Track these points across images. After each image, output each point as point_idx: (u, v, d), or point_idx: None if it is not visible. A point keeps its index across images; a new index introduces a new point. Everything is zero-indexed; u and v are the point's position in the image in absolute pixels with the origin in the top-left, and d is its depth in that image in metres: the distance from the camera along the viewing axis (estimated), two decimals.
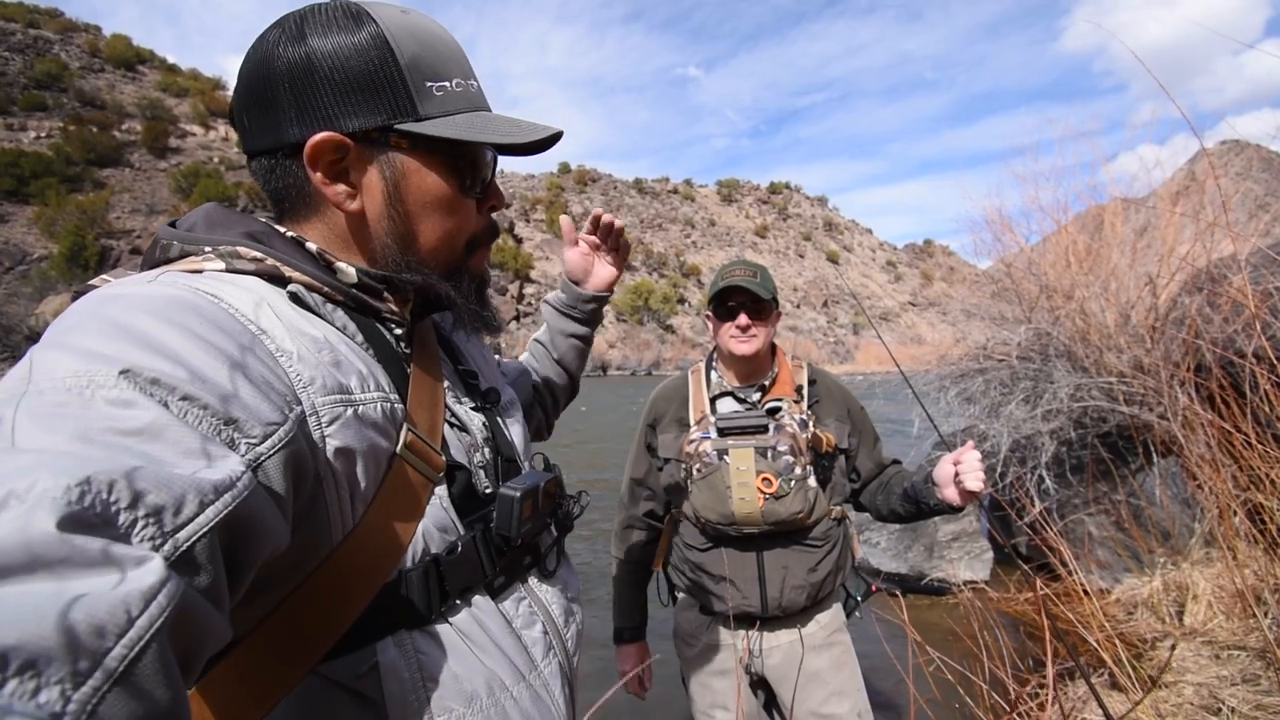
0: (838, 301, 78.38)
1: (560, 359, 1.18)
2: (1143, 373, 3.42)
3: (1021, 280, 4.74)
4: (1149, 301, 3.63)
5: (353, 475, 0.57)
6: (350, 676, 0.58)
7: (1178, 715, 2.05)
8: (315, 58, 0.59)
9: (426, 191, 0.65)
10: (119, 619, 0.30)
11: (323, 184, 0.62)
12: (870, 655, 2.61)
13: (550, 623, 0.74)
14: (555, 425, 1.24)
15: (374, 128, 0.61)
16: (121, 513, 0.34)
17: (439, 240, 0.68)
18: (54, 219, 38.60)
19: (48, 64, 59.92)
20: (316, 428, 0.53)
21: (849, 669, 1.59)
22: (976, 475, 1.27)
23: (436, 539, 0.64)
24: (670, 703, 2.27)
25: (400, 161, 0.64)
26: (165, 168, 53.89)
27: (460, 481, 0.68)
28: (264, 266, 0.59)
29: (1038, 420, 3.83)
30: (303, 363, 0.54)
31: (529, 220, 71.67)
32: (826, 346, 58.52)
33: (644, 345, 47.80)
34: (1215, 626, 2.48)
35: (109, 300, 0.48)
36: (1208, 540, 2.98)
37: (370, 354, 0.64)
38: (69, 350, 0.42)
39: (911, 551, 4.34)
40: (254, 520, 0.43)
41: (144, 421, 0.40)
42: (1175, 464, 3.39)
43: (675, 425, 1.62)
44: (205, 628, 0.37)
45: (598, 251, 1.15)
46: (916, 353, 6.78)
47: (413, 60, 0.61)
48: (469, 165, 0.68)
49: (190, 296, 0.50)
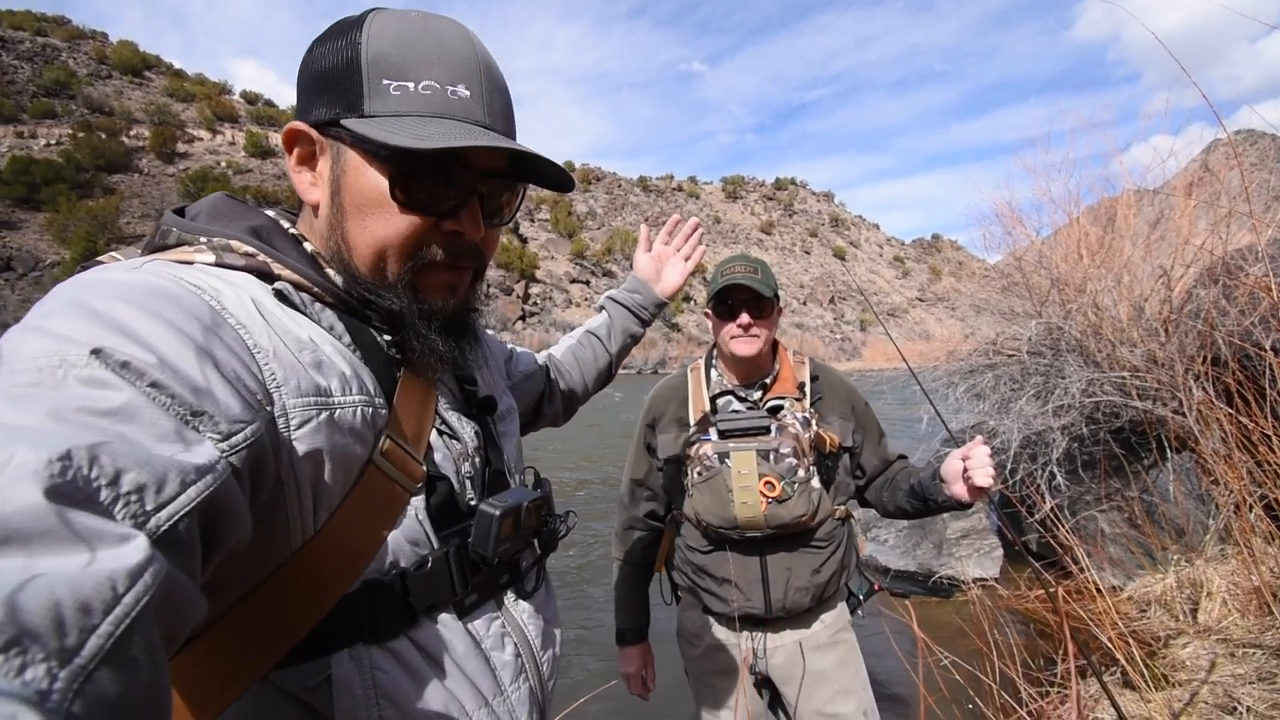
0: (844, 298, 78.07)
1: (614, 353, 1.25)
2: (1157, 367, 3.37)
3: (1032, 274, 4.68)
4: (1163, 294, 3.57)
5: (318, 480, 0.55)
6: (301, 687, 0.56)
7: (1193, 714, 2.01)
8: (310, 54, 0.63)
9: (360, 191, 0.61)
10: (105, 596, 0.29)
11: (293, 169, 0.63)
12: (879, 654, 2.59)
13: (525, 644, 0.72)
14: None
15: (326, 120, 0.61)
16: (103, 489, 0.34)
17: (366, 246, 0.63)
18: (65, 225, 39.05)
19: (56, 71, 60.52)
20: (285, 429, 0.52)
21: (854, 668, 1.56)
22: (985, 471, 1.24)
23: (406, 552, 0.62)
24: (673, 705, 2.26)
25: (345, 156, 0.62)
26: (174, 172, 54.37)
27: (441, 493, 0.66)
28: (254, 262, 0.59)
29: (1049, 416, 3.78)
30: (278, 361, 0.53)
31: (533, 220, 71.79)
32: (834, 343, 58.31)
33: (649, 344, 47.84)
34: (1230, 624, 2.44)
35: (88, 286, 0.47)
36: (1223, 537, 2.93)
37: (358, 356, 0.62)
38: (42, 333, 0.42)
39: (920, 549, 4.31)
40: (227, 506, 0.43)
41: (118, 402, 0.40)
42: (1190, 459, 3.34)
43: (675, 425, 1.59)
44: (186, 607, 0.37)
45: (666, 258, 1.25)
46: (925, 349, 6.73)
47: (376, 57, 0.60)
48: (409, 174, 0.61)
49: (171, 286, 0.50)
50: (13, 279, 38.14)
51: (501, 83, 0.66)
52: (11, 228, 40.69)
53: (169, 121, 61.96)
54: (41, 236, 40.37)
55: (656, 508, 1.67)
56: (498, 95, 0.65)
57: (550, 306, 51.15)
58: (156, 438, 0.40)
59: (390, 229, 0.62)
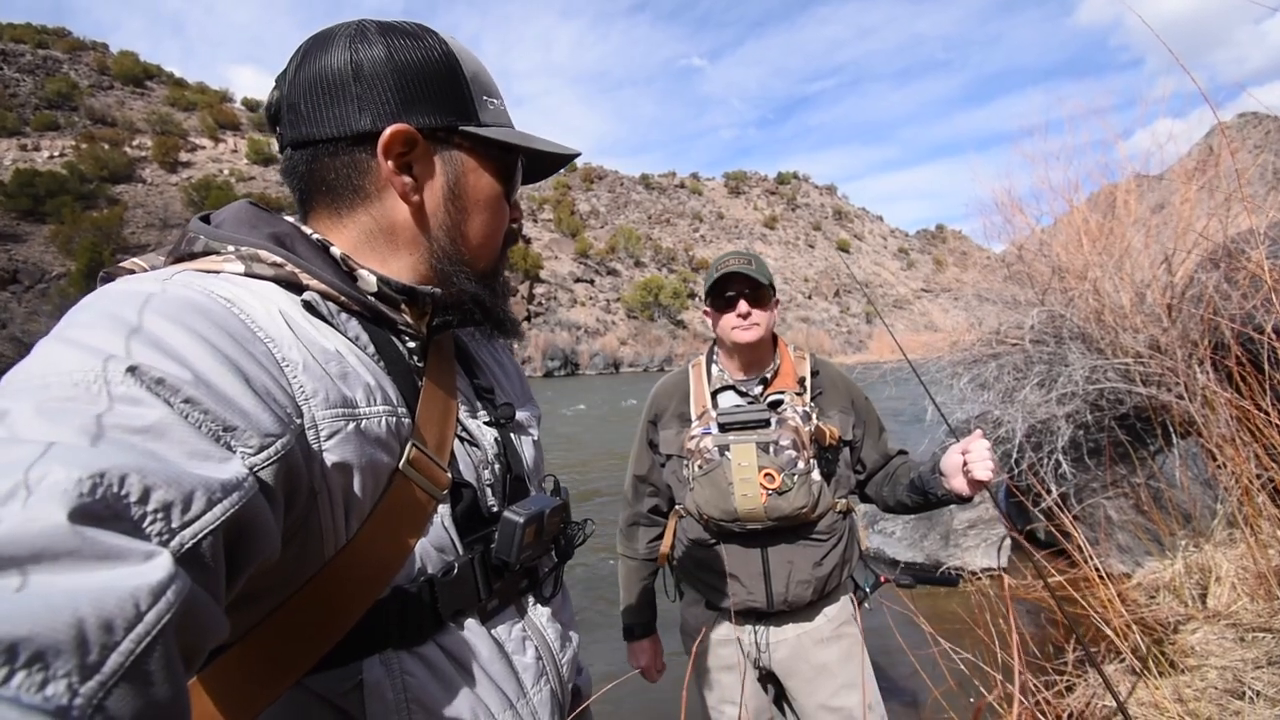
0: (849, 291, 77.80)
1: None
2: (1160, 352, 3.35)
3: (1033, 262, 4.66)
4: (1165, 279, 3.55)
5: (349, 490, 0.56)
6: (334, 692, 0.58)
7: (1201, 700, 2.01)
8: (391, 55, 0.63)
9: (481, 190, 0.69)
10: (127, 613, 0.30)
11: (392, 174, 0.64)
12: (886, 647, 2.59)
13: (545, 648, 0.73)
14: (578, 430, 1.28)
15: (441, 126, 0.65)
16: (132, 507, 0.35)
17: (486, 237, 0.72)
18: (70, 237, 39.28)
19: (58, 83, 60.88)
20: (315, 441, 0.53)
21: (858, 661, 1.57)
22: (985, 465, 1.25)
23: (434, 558, 0.63)
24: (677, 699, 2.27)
25: (461, 160, 0.68)
26: (177, 181, 54.61)
27: (465, 500, 0.67)
28: (282, 273, 0.59)
29: (1053, 404, 3.77)
30: (308, 373, 0.54)
31: (536, 220, 71.80)
32: (839, 336, 58.13)
33: (655, 341, 47.79)
34: (1239, 609, 2.44)
35: (121, 298, 0.48)
36: (1230, 521, 2.92)
37: (381, 366, 0.63)
38: (77, 346, 0.43)
39: (927, 540, 4.30)
40: (254, 523, 0.44)
41: (150, 420, 0.40)
42: (1195, 444, 3.32)
43: (676, 421, 1.60)
44: (207, 625, 0.37)
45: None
46: (930, 340, 6.69)
47: (473, 74, 0.68)
48: (512, 172, 0.73)
49: (203, 300, 0.51)
50: (19, 292, 38.41)
51: None
52: (17, 240, 40.97)
53: (171, 131, 62.25)
54: (47, 248, 40.64)
55: (660, 503, 1.68)
56: None
57: (555, 306, 51.22)
58: (187, 455, 0.40)
59: (502, 219, 0.73)
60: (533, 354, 37.41)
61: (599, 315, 52.68)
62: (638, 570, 1.72)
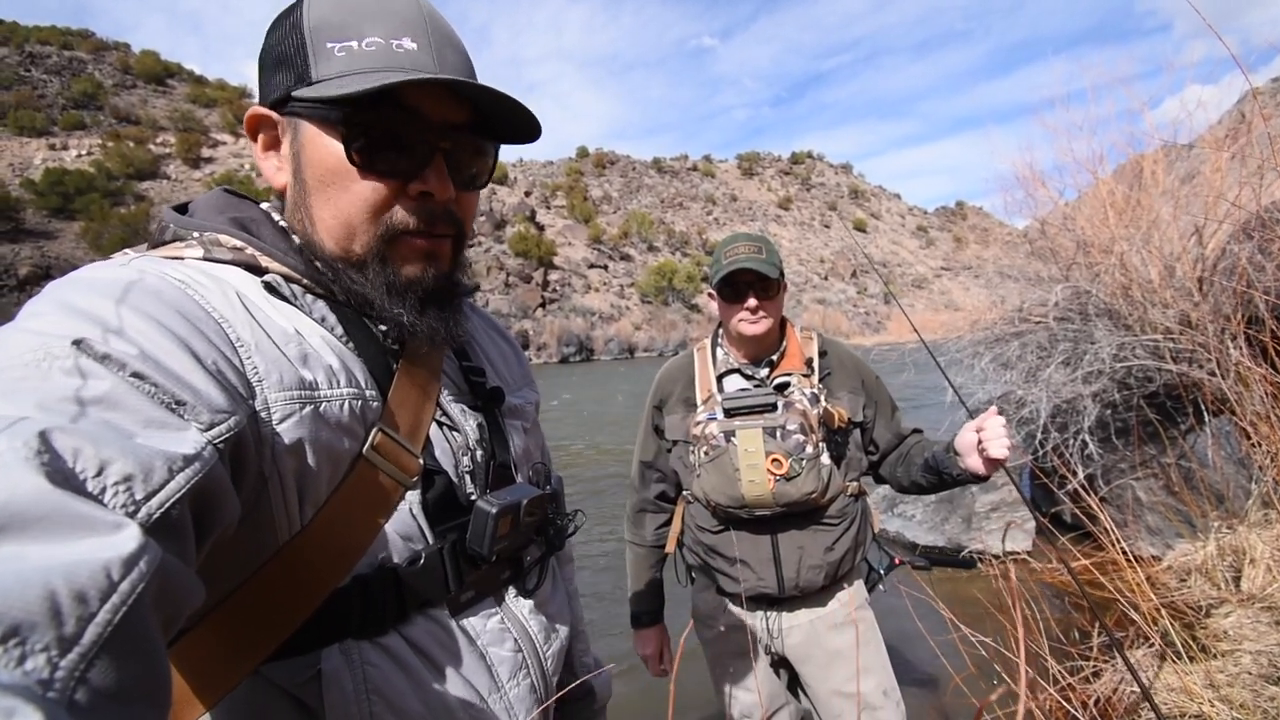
0: (867, 271, 76.72)
1: None
2: (1190, 327, 3.23)
3: (1057, 237, 4.51)
4: (1195, 252, 3.41)
5: (303, 475, 0.55)
6: (292, 682, 0.57)
7: (1235, 685, 1.95)
8: (263, 44, 0.63)
9: (319, 162, 0.60)
10: (101, 584, 0.30)
11: (259, 157, 0.62)
12: (904, 632, 2.56)
13: (526, 640, 0.71)
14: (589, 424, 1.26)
15: (279, 97, 0.60)
16: (89, 479, 0.34)
17: (332, 218, 0.61)
18: (100, 233, 40.15)
19: (83, 83, 61.98)
20: (266, 423, 0.52)
21: (873, 646, 1.54)
22: (1000, 442, 1.20)
23: (399, 547, 0.61)
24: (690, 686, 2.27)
25: (302, 130, 0.60)
26: (200, 177, 55.46)
27: (438, 487, 0.65)
28: (241, 256, 0.59)
29: (1079, 383, 3.66)
30: (260, 354, 0.53)
31: (549, 207, 71.76)
32: (857, 318, 57.43)
33: (670, 325, 47.65)
34: (1275, 591, 2.35)
35: (74, 285, 0.48)
36: (1265, 501, 2.82)
37: (350, 348, 0.61)
38: (27, 331, 0.43)
39: (949, 523, 4.24)
40: (217, 491, 0.44)
41: (101, 390, 0.40)
42: (1228, 422, 3.21)
43: (682, 406, 1.57)
44: (183, 591, 0.37)
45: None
46: (949, 319, 6.55)
47: (319, 22, 0.59)
48: (360, 132, 0.58)
49: (155, 281, 0.50)
50: None
51: (453, 36, 0.64)
52: (49, 237, 42.03)
53: (193, 128, 63.15)
54: (78, 245, 41.63)
55: (667, 489, 1.66)
56: (449, 48, 0.63)
57: (569, 293, 51.25)
58: (142, 424, 0.40)
59: (353, 196, 0.59)
60: (548, 340, 37.51)
61: (613, 301, 52.59)
62: (645, 558, 1.70)
